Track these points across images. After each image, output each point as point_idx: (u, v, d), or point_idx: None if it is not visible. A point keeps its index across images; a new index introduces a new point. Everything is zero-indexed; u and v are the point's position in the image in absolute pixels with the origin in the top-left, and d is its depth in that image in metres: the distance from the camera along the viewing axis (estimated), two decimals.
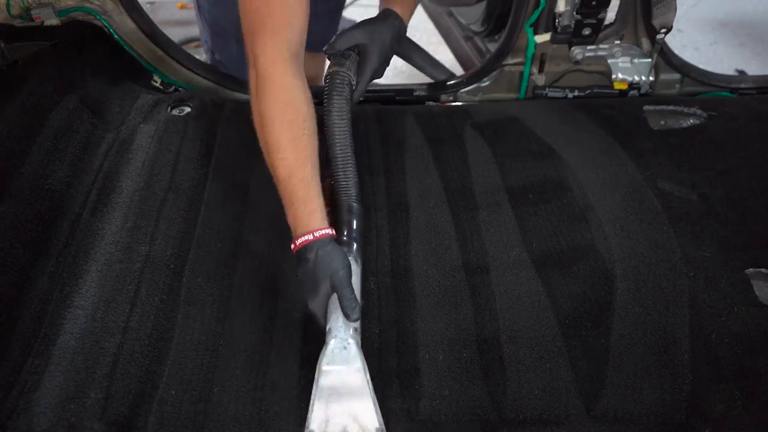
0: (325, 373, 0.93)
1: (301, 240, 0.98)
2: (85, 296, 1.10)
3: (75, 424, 0.93)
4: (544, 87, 1.70)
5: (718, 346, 1.07)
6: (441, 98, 1.73)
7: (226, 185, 1.36)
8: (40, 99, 1.37)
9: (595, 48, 1.68)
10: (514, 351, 1.07)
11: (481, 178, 1.40)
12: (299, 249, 0.99)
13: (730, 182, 1.39)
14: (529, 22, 1.60)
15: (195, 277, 1.17)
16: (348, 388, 0.94)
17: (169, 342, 1.06)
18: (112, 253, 1.17)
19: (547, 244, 1.25)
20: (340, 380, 0.93)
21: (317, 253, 0.97)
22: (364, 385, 0.94)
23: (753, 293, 1.16)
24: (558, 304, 1.14)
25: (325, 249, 0.98)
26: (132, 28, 1.61)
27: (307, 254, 0.97)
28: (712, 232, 1.27)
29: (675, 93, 1.73)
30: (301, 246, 0.98)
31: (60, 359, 1.00)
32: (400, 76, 2.92)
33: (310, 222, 0.99)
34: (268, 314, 1.12)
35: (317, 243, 0.97)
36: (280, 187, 1.02)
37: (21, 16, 1.53)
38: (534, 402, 1.00)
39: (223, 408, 0.99)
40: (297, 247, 0.99)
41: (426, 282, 1.18)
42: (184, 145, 1.42)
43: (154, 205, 1.27)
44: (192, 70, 1.68)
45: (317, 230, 0.98)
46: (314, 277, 0.98)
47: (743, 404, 0.99)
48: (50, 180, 1.26)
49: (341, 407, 0.93)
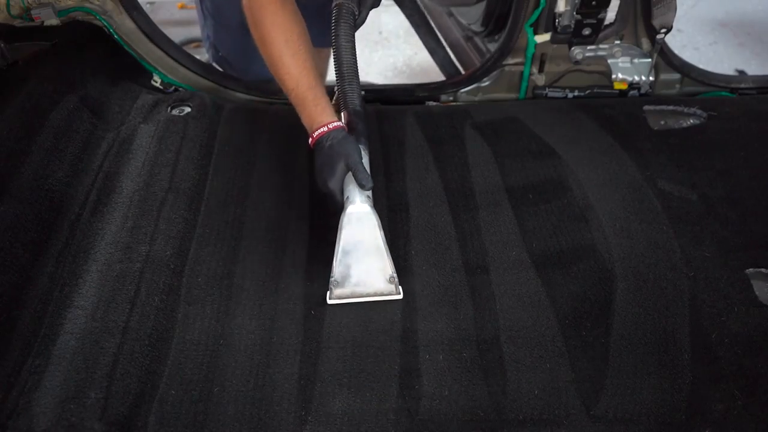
0: (345, 232, 1.07)
1: (318, 132, 1.13)
2: (85, 296, 1.10)
3: (75, 424, 0.93)
4: (544, 87, 1.70)
5: (718, 346, 1.07)
6: (441, 98, 1.73)
7: (226, 185, 1.36)
8: (40, 99, 1.37)
9: (595, 48, 1.68)
10: (514, 351, 1.06)
11: (481, 178, 1.40)
12: (316, 140, 1.14)
13: (730, 182, 1.39)
14: (529, 22, 1.60)
15: (195, 277, 1.17)
16: (365, 244, 1.08)
17: (169, 342, 1.07)
18: (112, 253, 1.17)
19: (547, 244, 1.25)
20: (359, 237, 1.08)
21: (332, 140, 1.12)
22: (379, 241, 1.08)
23: (753, 293, 1.16)
24: (558, 304, 1.14)
25: (338, 137, 1.13)
26: (132, 28, 1.61)
27: (324, 142, 1.13)
28: (712, 232, 1.27)
29: (675, 93, 1.74)
30: (318, 137, 1.13)
31: (60, 359, 1.00)
32: (400, 77, 2.92)
33: (323, 117, 1.14)
34: (268, 314, 1.12)
35: (332, 132, 1.13)
36: (291, 97, 1.17)
37: (21, 16, 1.53)
38: (534, 402, 1.00)
39: (223, 408, 0.99)
40: (314, 140, 1.14)
41: (426, 282, 1.18)
42: (184, 145, 1.42)
43: (154, 205, 1.27)
44: (192, 70, 1.68)
45: (330, 123, 1.14)
46: (331, 160, 1.12)
47: (743, 404, 0.99)
48: (50, 180, 1.26)
49: (360, 260, 1.09)
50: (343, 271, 1.10)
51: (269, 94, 1.69)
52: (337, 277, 1.10)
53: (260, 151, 1.45)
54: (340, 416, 0.98)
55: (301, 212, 1.31)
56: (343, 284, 1.11)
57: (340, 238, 1.07)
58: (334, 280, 1.10)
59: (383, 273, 1.11)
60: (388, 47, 2.95)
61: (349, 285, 1.11)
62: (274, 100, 1.69)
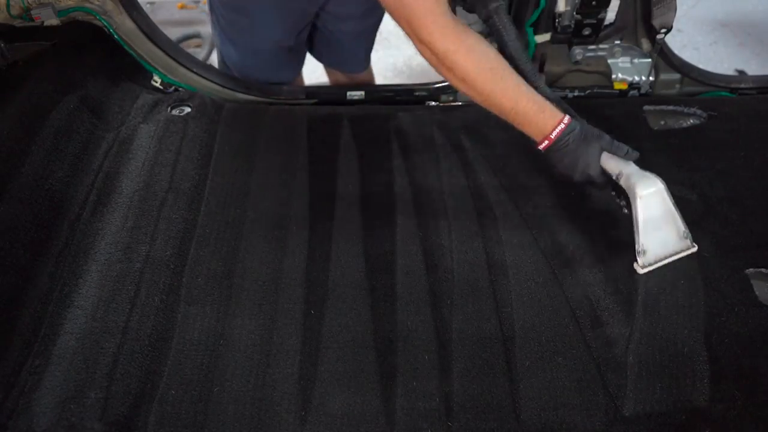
0: (641, 204, 1.13)
1: (556, 132, 1.14)
2: (85, 296, 1.10)
3: (75, 424, 0.93)
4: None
5: (718, 346, 1.07)
6: (441, 98, 1.73)
7: (226, 185, 1.36)
8: (40, 99, 1.37)
9: (595, 48, 1.68)
10: (523, 351, 1.06)
11: (481, 177, 1.40)
12: (555, 139, 1.14)
13: (730, 182, 1.39)
14: (529, 22, 1.60)
15: (195, 277, 1.17)
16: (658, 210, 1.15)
17: (169, 342, 1.07)
18: (112, 253, 1.17)
19: (548, 245, 1.25)
20: (653, 206, 1.14)
21: (573, 132, 1.14)
22: (669, 203, 1.15)
23: (753, 293, 1.16)
24: (557, 304, 1.14)
25: (577, 127, 1.15)
26: (132, 28, 1.61)
27: (565, 138, 1.14)
28: (712, 232, 1.27)
29: (675, 93, 1.73)
30: (557, 136, 1.14)
31: (60, 359, 1.00)
32: (400, 77, 2.92)
33: (554, 118, 1.15)
34: (268, 314, 1.12)
35: (569, 126, 1.14)
36: (511, 116, 1.15)
37: (21, 16, 1.53)
38: (535, 402, 1.00)
39: (223, 408, 0.99)
40: (552, 140, 1.14)
41: (439, 281, 1.18)
42: (184, 145, 1.42)
43: (154, 205, 1.27)
44: (192, 70, 1.68)
45: (563, 119, 1.15)
46: (585, 149, 1.15)
47: (743, 404, 0.99)
48: (50, 180, 1.26)
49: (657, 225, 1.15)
50: (647, 239, 1.15)
51: (269, 94, 1.69)
52: (643, 245, 1.15)
53: (260, 151, 1.45)
54: (340, 416, 0.98)
55: (301, 212, 1.31)
56: (648, 252, 1.15)
57: (638, 211, 1.13)
58: (641, 249, 1.15)
59: (677, 231, 1.17)
60: (388, 47, 2.95)
61: (653, 251, 1.16)
62: (274, 100, 1.69)
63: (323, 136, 1.50)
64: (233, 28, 1.65)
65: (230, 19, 1.63)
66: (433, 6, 1.07)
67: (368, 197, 1.35)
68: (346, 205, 1.33)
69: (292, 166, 1.42)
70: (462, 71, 1.11)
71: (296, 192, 1.36)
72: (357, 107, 1.66)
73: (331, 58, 1.86)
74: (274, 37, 1.64)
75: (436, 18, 1.08)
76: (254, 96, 1.69)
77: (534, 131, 1.16)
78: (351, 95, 1.70)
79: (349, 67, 1.87)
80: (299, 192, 1.36)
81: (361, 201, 1.34)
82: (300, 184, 1.37)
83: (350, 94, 1.70)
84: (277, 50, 1.68)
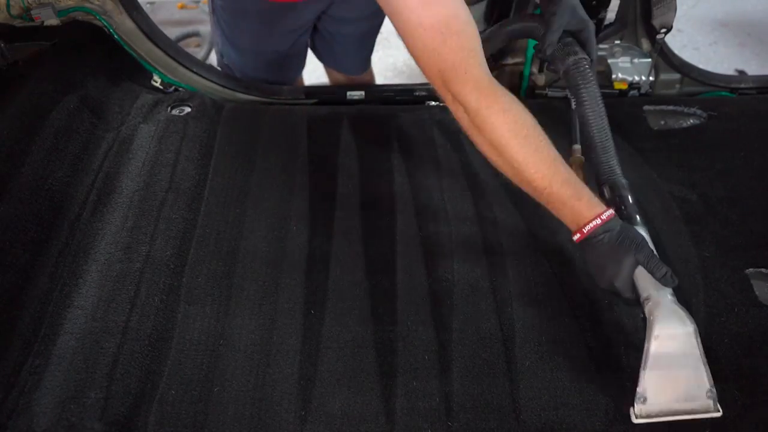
0: (656, 343, 0.93)
1: (589, 227, 0.99)
2: (85, 296, 1.10)
3: (75, 424, 0.93)
4: (544, 87, 1.70)
5: (718, 346, 1.07)
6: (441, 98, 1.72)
7: (226, 185, 1.36)
8: (40, 99, 1.37)
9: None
10: (523, 351, 1.06)
11: (481, 177, 1.40)
12: (588, 235, 1.00)
13: (730, 182, 1.39)
14: None
15: (195, 277, 1.17)
16: (679, 353, 0.94)
17: (169, 342, 1.07)
18: (112, 253, 1.17)
19: (548, 244, 1.25)
20: (672, 347, 0.94)
21: (610, 233, 0.99)
22: (696, 351, 0.94)
23: (753, 293, 1.16)
24: (557, 304, 1.14)
25: (616, 228, 0.99)
26: (132, 28, 1.61)
27: (600, 236, 0.99)
28: (712, 232, 1.27)
29: (675, 93, 1.73)
30: (590, 232, 0.99)
31: (60, 359, 1.00)
32: (400, 77, 2.92)
33: (591, 210, 1.00)
34: (268, 314, 1.12)
35: (607, 224, 0.99)
36: (543, 197, 1.02)
37: (21, 16, 1.53)
38: (535, 402, 1.00)
39: (223, 408, 0.99)
40: (584, 235, 1.00)
41: (439, 281, 1.18)
42: (184, 145, 1.42)
43: (154, 205, 1.28)
44: (192, 70, 1.68)
45: (602, 213, 0.99)
46: (616, 256, 0.98)
47: (743, 404, 0.99)
48: (50, 180, 1.26)
49: (672, 372, 0.95)
50: (652, 386, 0.95)
51: (269, 94, 1.69)
52: (645, 392, 0.95)
53: (260, 151, 1.45)
54: (340, 416, 0.98)
55: (301, 212, 1.31)
56: (652, 400, 0.95)
57: (649, 352, 0.94)
58: (641, 396, 0.95)
59: (699, 386, 0.95)
60: (388, 47, 2.95)
61: (658, 401, 0.96)
62: (274, 100, 1.69)
63: (323, 136, 1.50)
64: (235, 32, 1.65)
65: (232, 23, 1.64)
66: (468, 55, 0.98)
67: (368, 197, 1.35)
68: (346, 205, 1.33)
69: (292, 166, 1.42)
70: (492, 133, 0.99)
71: (296, 192, 1.36)
72: (357, 107, 1.66)
73: (331, 60, 1.86)
74: (275, 42, 1.64)
75: (470, 68, 0.98)
76: (254, 96, 1.69)
77: (567, 219, 1.02)
78: (351, 95, 1.70)
79: (350, 70, 1.87)
80: (299, 192, 1.36)
81: (361, 201, 1.34)
82: (300, 184, 1.37)
83: (350, 94, 1.70)
84: (278, 55, 1.68)
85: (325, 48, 1.79)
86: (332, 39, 1.73)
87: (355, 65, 1.86)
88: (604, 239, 0.98)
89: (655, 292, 0.97)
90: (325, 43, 1.76)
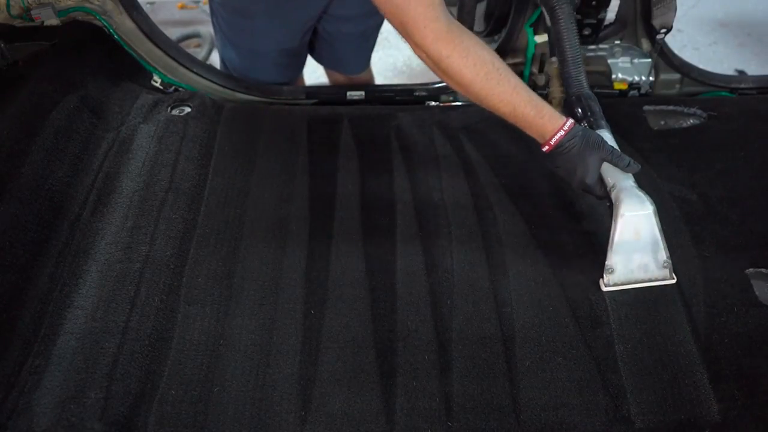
0: (622, 222, 1.11)
1: (555, 139, 1.12)
2: (85, 296, 1.10)
3: (75, 424, 0.93)
4: (545, 87, 1.70)
5: (718, 346, 1.07)
6: (441, 98, 1.73)
7: (226, 185, 1.36)
8: (40, 99, 1.37)
9: (595, 48, 1.68)
10: (523, 351, 1.06)
11: (481, 177, 1.40)
12: (555, 145, 1.13)
13: (730, 182, 1.39)
14: (529, 22, 1.60)
15: (195, 277, 1.17)
16: (641, 231, 1.11)
17: (169, 342, 1.07)
18: (112, 253, 1.17)
19: (547, 244, 1.25)
20: (635, 226, 1.11)
21: (574, 138, 1.12)
22: (655, 228, 1.12)
23: (753, 293, 1.16)
24: (557, 304, 1.14)
25: (578, 133, 1.13)
26: (132, 28, 1.61)
27: (565, 144, 1.12)
28: (712, 232, 1.27)
29: (675, 93, 1.74)
30: (557, 142, 1.13)
31: (60, 359, 1.00)
32: (400, 77, 2.92)
33: (554, 122, 1.13)
34: (268, 314, 1.12)
35: (570, 133, 1.12)
36: (511, 119, 1.14)
37: (21, 16, 1.53)
38: (535, 402, 1.00)
39: (223, 408, 0.99)
40: (552, 146, 1.13)
41: (439, 281, 1.18)
42: (184, 145, 1.42)
43: (154, 205, 1.28)
44: (192, 70, 1.68)
45: (563, 125, 1.12)
46: (582, 158, 1.13)
47: (743, 404, 0.99)
48: (50, 180, 1.26)
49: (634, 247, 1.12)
50: (618, 259, 1.13)
51: (269, 94, 1.70)
52: (612, 264, 1.13)
53: (260, 151, 1.45)
54: (340, 416, 0.98)
55: (301, 212, 1.31)
56: (618, 271, 1.13)
57: (615, 230, 1.11)
58: (609, 267, 1.13)
59: (658, 259, 1.14)
60: (388, 47, 2.95)
61: (623, 272, 1.13)
62: (274, 100, 1.69)
63: (323, 136, 1.50)
64: (235, 31, 1.65)
65: (232, 23, 1.63)
66: (426, 9, 1.06)
67: (368, 197, 1.35)
68: (346, 205, 1.33)
69: (292, 166, 1.42)
70: (457, 76, 1.10)
71: (296, 192, 1.36)
72: (357, 107, 1.66)
73: (331, 60, 1.86)
74: (278, 40, 1.64)
75: (428, 22, 1.06)
76: (254, 96, 1.69)
77: (535, 135, 1.15)
78: (351, 95, 1.70)
79: (349, 69, 1.87)
80: (299, 192, 1.36)
81: (361, 201, 1.34)
82: (300, 184, 1.37)
83: (350, 94, 1.70)
84: (279, 53, 1.68)
85: (325, 49, 1.79)
86: (332, 39, 1.73)
87: (354, 64, 1.86)
88: (569, 146, 1.12)
89: (621, 180, 1.14)
90: (325, 44, 1.76)
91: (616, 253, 1.12)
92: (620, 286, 1.13)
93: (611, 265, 1.12)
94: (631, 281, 1.14)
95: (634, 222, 1.11)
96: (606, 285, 1.13)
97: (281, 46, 1.66)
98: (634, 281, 1.14)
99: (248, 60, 1.69)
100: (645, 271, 1.14)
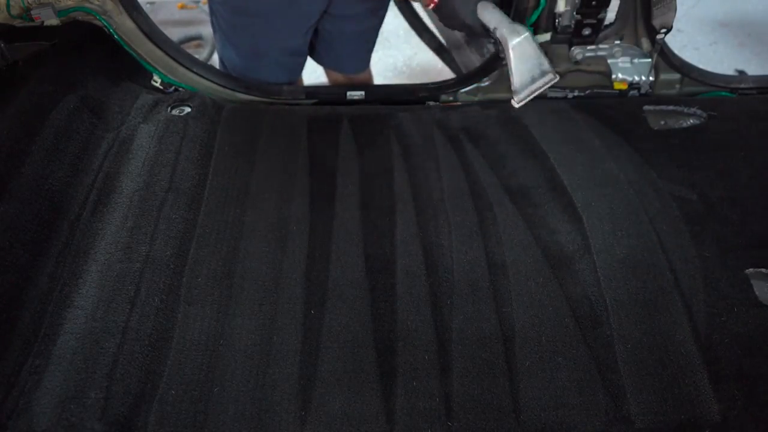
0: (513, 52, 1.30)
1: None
2: (85, 296, 1.10)
3: (75, 424, 0.93)
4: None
5: (718, 346, 1.07)
6: (441, 98, 1.73)
7: (226, 185, 1.36)
8: (40, 99, 1.37)
9: (595, 48, 1.68)
10: (523, 351, 1.07)
11: (481, 177, 1.40)
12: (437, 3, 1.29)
13: (730, 182, 1.39)
14: (529, 22, 1.60)
15: (195, 277, 1.17)
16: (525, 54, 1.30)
17: (169, 342, 1.07)
18: (112, 253, 1.17)
19: (547, 244, 1.25)
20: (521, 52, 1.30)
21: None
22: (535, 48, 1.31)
23: (753, 293, 1.16)
24: (557, 304, 1.14)
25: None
26: (132, 28, 1.61)
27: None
28: (712, 232, 1.27)
29: (675, 93, 1.73)
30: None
31: (60, 359, 1.00)
32: (400, 77, 2.92)
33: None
34: (268, 314, 1.12)
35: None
36: None
37: (21, 16, 1.53)
38: (535, 402, 1.00)
39: (223, 408, 0.99)
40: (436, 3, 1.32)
41: (439, 281, 1.18)
42: (184, 145, 1.42)
43: (154, 205, 1.28)
44: (192, 70, 1.68)
45: None
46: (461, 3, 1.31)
47: (743, 404, 0.99)
48: (50, 180, 1.26)
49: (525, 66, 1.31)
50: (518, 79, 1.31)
51: (269, 94, 1.70)
52: (516, 85, 1.31)
53: (260, 151, 1.45)
54: (340, 416, 0.98)
55: (301, 212, 1.31)
56: (520, 89, 1.31)
57: (510, 58, 1.30)
58: (515, 89, 1.31)
59: (541, 68, 1.31)
60: (388, 47, 2.95)
61: (523, 88, 1.31)
62: (274, 100, 1.69)
63: (323, 136, 1.50)
64: (235, 30, 1.65)
65: (233, 22, 1.63)
66: None
67: (368, 197, 1.35)
68: (346, 205, 1.33)
69: (292, 166, 1.42)
70: None
71: (296, 192, 1.36)
72: (357, 107, 1.66)
73: (330, 60, 1.86)
74: (279, 39, 1.64)
75: None
76: (254, 96, 1.69)
77: None
78: (351, 95, 1.70)
79: (349, 68, 1.88)
80: (299, 192, 1.36)
81: (361, 201, 1.34)
82: (300, 184, 1.37)
83: (350, 94, 1.70)
84: (280, 53, 1.68)
85: (325, 49, 1.79)
86: (332, 38, 1.73)
87: (354, 64, 1.86)
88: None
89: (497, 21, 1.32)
90: (325, 44, 1.76)
91: (516, 75, 1.31)
92: (526, 99, 1.32)
93: (516, 87, 1.31)
94: (532, 91, 1.32)
95: (519, 47, 1.30)
96: (517, 102, 1.32)
97: (283, 46, 1.66)
98: (533, 92, 1.32)
99: (249, 60, 1.69)
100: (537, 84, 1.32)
